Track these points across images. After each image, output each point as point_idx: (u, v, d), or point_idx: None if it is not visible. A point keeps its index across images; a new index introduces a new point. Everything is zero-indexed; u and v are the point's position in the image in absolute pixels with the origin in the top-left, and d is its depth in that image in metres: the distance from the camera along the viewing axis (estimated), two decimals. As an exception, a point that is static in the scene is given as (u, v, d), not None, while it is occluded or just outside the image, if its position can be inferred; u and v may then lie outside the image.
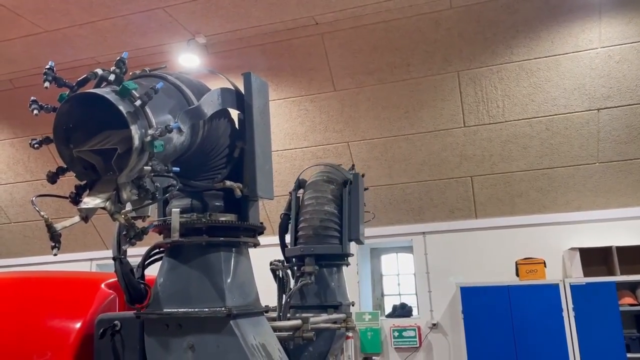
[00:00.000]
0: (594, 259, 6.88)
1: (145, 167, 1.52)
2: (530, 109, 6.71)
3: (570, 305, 6.45)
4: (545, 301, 6.54)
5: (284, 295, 2.86)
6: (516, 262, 6.94)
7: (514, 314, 6.60)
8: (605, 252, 6.81)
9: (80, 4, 5.86)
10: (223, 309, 1.88)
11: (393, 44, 6.58)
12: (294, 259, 3.36)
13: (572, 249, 6.85)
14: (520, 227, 7.32)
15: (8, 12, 5.93)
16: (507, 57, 6.48)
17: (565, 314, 6.45)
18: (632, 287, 6.63)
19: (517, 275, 6.90)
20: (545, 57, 6.40)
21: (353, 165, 3.97)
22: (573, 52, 6.32)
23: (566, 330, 6.40)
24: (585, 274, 6.66)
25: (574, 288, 6.50)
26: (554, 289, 6.56)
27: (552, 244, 7.13)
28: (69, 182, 1.57)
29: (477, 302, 6.77)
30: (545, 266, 6.82)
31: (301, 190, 3.61)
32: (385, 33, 6.51)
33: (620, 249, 6.62)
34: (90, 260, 9.02)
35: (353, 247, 3.58)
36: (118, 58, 1.56)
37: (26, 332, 2.15)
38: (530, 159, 7.00)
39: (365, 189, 3.82)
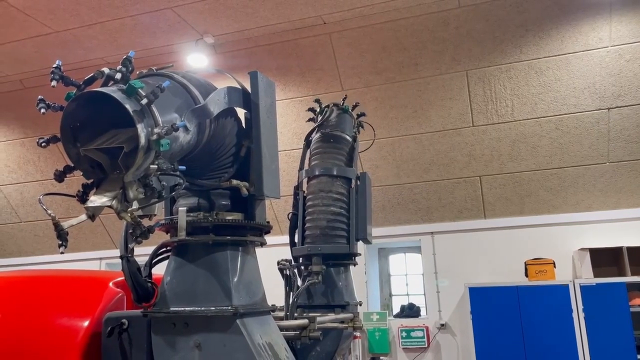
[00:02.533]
0: (604, 259, 6.83)
1: (151, 166, 1.52)
2: (539, 108, 6.66)
3: (580, 306, 6.39)
4: (555, 302, 6.49)
5: (291, 295, 2.86)
6: (525, 263, 6.89)
7: (523, 315, 6.55)
8: (615, 252, 6.75)
9: (90, 5, 5.90)
10: (229, 307, 1.88)
11: (401, 43, 6.56)
12: (301, 259, 3.35)
13: (582, 249, 6.80)
14: (529, 227, 7.27)
15: (18, 12, 5.99)
16: (516, 56, 6.44)
17: (575, 314, 6.40)
18: (643, 288, 6.57)
19: (527, 275, 6.85)
20: (555, 55, 6.35)
21: (345, 97, 3.90)
22: (583, 51, 6.27)
23: (576, 331, 6.34)
24: (596, 275, 6.60)
25: (584, 289, 6.44)
26: (563, 289, 6.51)
27: (562, 244, 7.08)
28: (78, 181, 1.57)
29: (486, 302, 6.73)
30: (554, 267, 6.77)
31: (305, 184, 3.54)
32: (393, 32, 6.49)
33: (630, 250, 6.56)
34: (100, 259, 9.08)
35: (361, 246, 3.57)
36: (124, 57, 1.57)
37: (35, 330, 2.16)
38: (539, 159, 6.95)
39: (362, 114, 3.81)
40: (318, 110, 3.72)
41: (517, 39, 6.34)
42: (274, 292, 2.80)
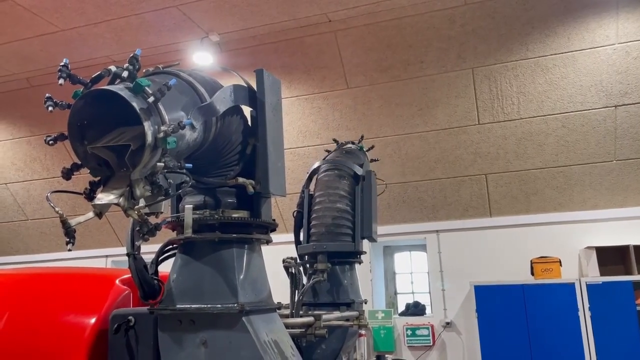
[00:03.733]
0: (611, 257, 6.78)
1: (158, 164, 1.53)
2: (545, 106, 6.63)
3: (587, 305, 6.36)
4: (561, 300, 6.46)
5: (296, 293, 2.86)
6: (531, 261, 6.86)
7: (528, 314, 6.53)
8: (622, 251, 6.70)
9: (96, 3, 5.91)
10: (235, 305, 1.88)
11: (406, 41, 6.55)
12: (306, 256, 3.36)
13: (589, 247, 6.76)
14: (535, 226, 7.24)
15: (25, 11, 6.01)
16: (522, 54, 6.41)
17: (581, 313, 6.37)
18: (649, 286, 6.53)
19: (532, 274, 6.82)
20: (561, 53, 6.31)
21: (362, 137, 3.98)
22: (590, 48, 6.23)
23: (582, 330, 6.31)
24: (602, 273, 6.57)
25: (590, 287, 6.41)
26: (569, 288, 6.48)
27: (568, 242, 7.05)
28: (84, 179, 1.58)
29: (492, 301, 6.71)
30: (560, 265, 6.74)
31: (313, 185, 3.59)
32: (399, 30, 6.47)
33: (637, 248, 6.51)
34: (106, 257, 9.12)
35: (366, 244, 3.57)
36: (131, 55, 1.57)
37: (42, 327, 2.18)
38: (545, 157, 6.92)
39: (374, 160, 3.87)
40: (336, 147, 3.89)
41: (523, 37, 6.31)
42: (280, 289, 2.81)
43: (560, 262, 6.76)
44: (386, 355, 7.39)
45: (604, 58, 6.24)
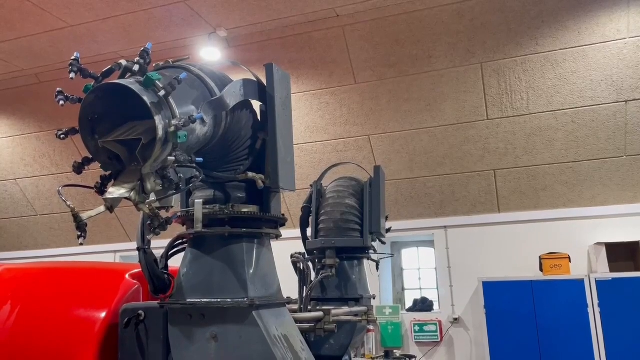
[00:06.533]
0: (621, 254, 6.73)
1: (169, 158, 1.52)
2: (555, 101, 6.58)
3: (596, 301, 6.33)
4: (570, 297, 6.43)
5: (304, 288, 2.86)
6: (540, 257, 6.83)
7: (537, 310, 6.50)
8: (632, 247, 6.66)
9: (104, -1, 5.93)
10: (245, 299, 1.88)
11: (415, 35, 6.51)
12: (315, 252, 3.36)
13: (598, 243, 6.71)
14: (544, 222, 7.20)
15: (33, 7, 6.04)
16: (532, 48, 6.35)
17: (590, 310, 6.33)
18: (660, 283, 6.47)
19: (541, 270, 6.79)
20: (572, 47, 6.26)
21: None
22: (600, 43, 6.17)
23: (591, 327, 6.28)
24: (612, 270, 6.53)
25: (600, 283, 6.37)
26: (579, 284, 6.45)
27: (577, 238, 7.00)
28: (93, 174, 1.58)
29: (500, 297, 6.69)
30: (570, 261, 6.70)
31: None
32: (407, 25, 6.44)
33: (647, 244, 6.48)
34: (114, 252, 9.16)
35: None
36: (142, 49, 1.57)
37: (53, 321, 2.19)
38: (555, 152, 6.87)
39: (388, 229, 3.88)
40: None
41: (532, 31, 6.26)
42: (288, 284, 2.80)
43: (569, 258, 6.72)
44: (394, 351, 7.39)
45: (614, 52, 6.18)
